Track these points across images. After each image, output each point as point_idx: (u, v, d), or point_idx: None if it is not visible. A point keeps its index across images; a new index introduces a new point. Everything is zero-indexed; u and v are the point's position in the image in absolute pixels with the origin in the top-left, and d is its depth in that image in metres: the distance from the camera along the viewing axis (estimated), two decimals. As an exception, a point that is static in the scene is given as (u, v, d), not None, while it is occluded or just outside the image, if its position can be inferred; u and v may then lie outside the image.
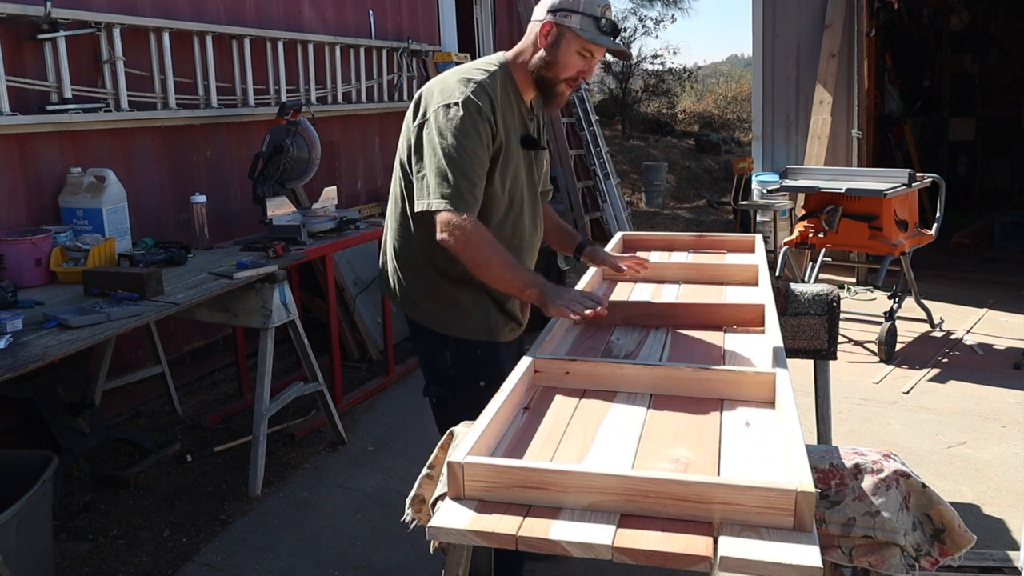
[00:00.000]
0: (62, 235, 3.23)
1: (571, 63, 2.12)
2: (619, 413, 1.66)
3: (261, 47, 4.57)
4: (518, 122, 2.21)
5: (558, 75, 2.13)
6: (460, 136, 2.04)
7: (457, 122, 2.04)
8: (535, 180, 2.31)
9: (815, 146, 6.32)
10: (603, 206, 7.73)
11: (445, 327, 2.25)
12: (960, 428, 3.73)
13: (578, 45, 2.09)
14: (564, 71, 2.13)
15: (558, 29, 2.09)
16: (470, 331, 2.25)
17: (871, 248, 4.98)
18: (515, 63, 2.19)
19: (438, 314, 2.25)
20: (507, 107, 2.16)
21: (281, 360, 4.60)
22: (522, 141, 2.22)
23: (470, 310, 2.24)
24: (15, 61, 3.30)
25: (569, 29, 2.08)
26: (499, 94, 2.13)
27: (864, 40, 6.23)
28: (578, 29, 2.07)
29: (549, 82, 2.15)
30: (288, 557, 2.87)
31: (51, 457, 2.52)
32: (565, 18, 2.08)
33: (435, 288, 2.24)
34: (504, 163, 2.15)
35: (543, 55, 2.12)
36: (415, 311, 2.29)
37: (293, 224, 3.81)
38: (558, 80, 2.14)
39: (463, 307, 2.24)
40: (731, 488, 1.23)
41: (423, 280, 2.26)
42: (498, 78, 2.15)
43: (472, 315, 2.25)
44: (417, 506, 1.69)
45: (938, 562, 1.53)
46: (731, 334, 2.12)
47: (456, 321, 2.25)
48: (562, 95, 2.18)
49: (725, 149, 13.27)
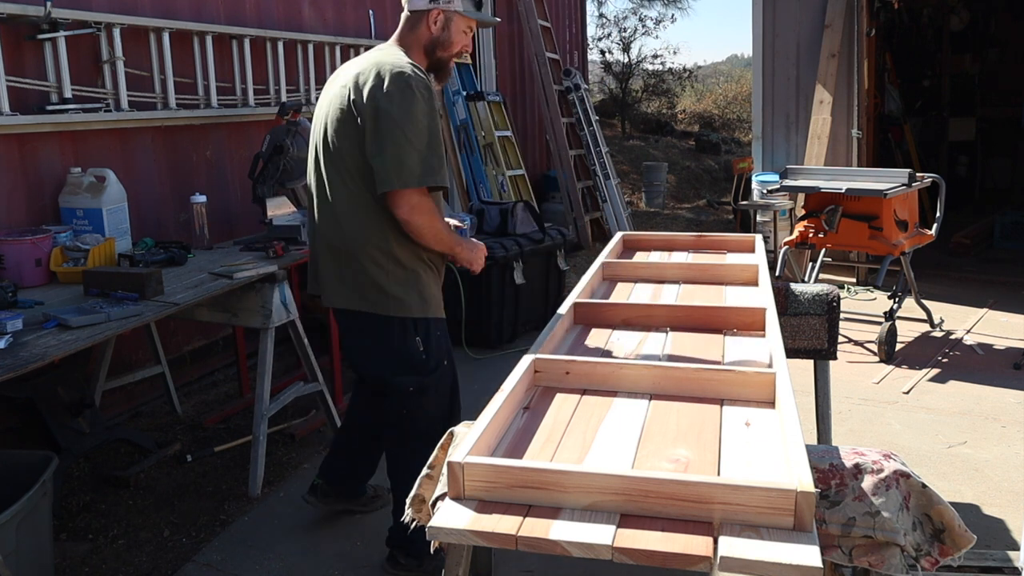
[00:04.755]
0: (62, 235, 3.22)
1: (459, 40, 2.46)
2: (619, 413, 1.66)
3: (261, 47, 4.57)
4: None
5: (449, 52, 2.46)
6: (422, 115, 2.24)
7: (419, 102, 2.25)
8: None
9: (815, 146, 6.32)
10: (603, 206, 7.74)
11: (411, 309, 2.41)
12: (960, 428, 3.73)
13: (464, 24, 2.44)
14: (454, 47, 2.46)
15: (445, 14, 2.41)
16: (433, 309, 2.46)
17: (871, 248, 4.98)
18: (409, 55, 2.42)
19: (404, 296, 2.40)
20: None
21: (281, 360, 4.60)
22: None
23: (428, 287, 2.45)
24: (15, 61, 3.30)
25: (456, 12, 2.41)
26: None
27: (864, 40, 6.22)
28: (463, 11, 2.41)
29: (443, 61, 2.47)
30: (288, 557, 2.87)
31: (51, 457, 2.52)
32: (448, 3, 2.39)
33: (412, 276, 2.41)
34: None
35: (436, 38, 2.43)
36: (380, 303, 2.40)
37: (293, 224, 3.81)
38: (449, 57, 2.47)
39: (426, 285, 2.44)
40: (731, 488, 1.23)
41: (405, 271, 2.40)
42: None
43: (430, 292, 2.46)
44: (417, 506, 1.69)
45: (938, 562, 1.54)
46: (731, 336, 2.12)
47: (421, 301, 2.43)
48: (450, 69, 2.53)
49: (725, 149, 13.26)
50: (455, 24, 2.42)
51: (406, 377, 2.44)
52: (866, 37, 6.24)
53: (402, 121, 2.22)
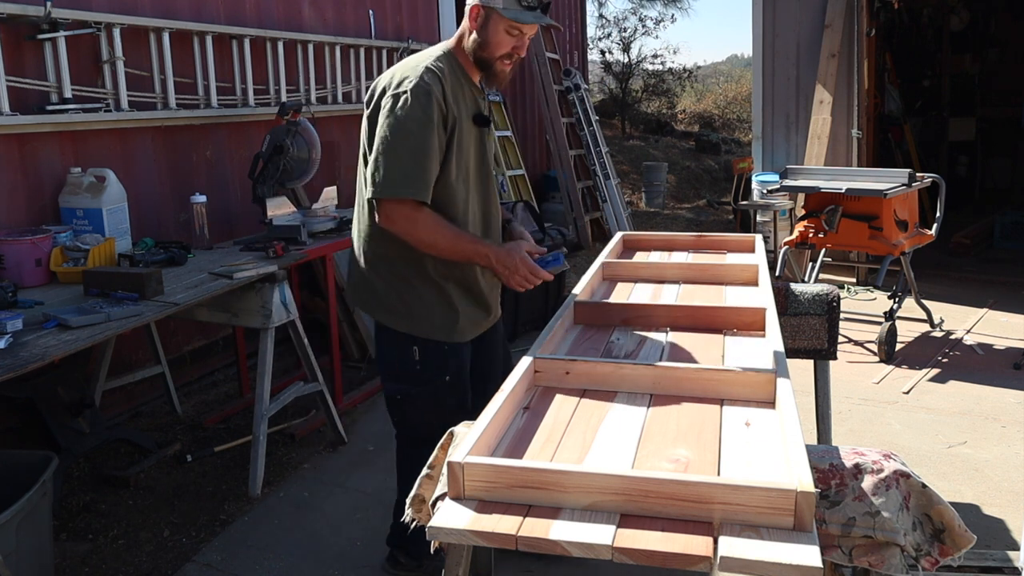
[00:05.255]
0: (62, 235, 3.22)
1: (502, 41, 2.22)
2: (619, 413, 1.66)
3: (261, 47, 4.57)
4: (469, 102, 2.30)
5: (492, 54, 2.24)
6: (408, 122, 2.12)
7: (407, 109, 2.13)
8: (487, 156, 2.40)
9: (815, 146, 6.32)
10: (603, 206, 7.74)
11: (413, 327, 2.32)
12: (960, 428, 3.73)
13: (504, 24, 2.19)
14: (497, 50, 2.23)
15: (484, 11, 2.20)
16: (438, 332, 2.33)
17: (871, 248, 4.98)
18: (458, 47, 2.30)
19: (406, 313, 2.32)
20: (457, 88, 2.25)
21: (281, 360, 4.60)
22: (474, 119, 2.31)
23: (437, 309, 2.32)
24: (15, 61, 3.29)
25: (493, 10, 2.18)
26: (448, 76, 2.22)
27: (864, 40, 6.22)
28: (501, 9, 2.17)
29: (486, 62, 2.26)
30: (288, 557, 2.87)
31: (51, 457, 2.52)
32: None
33: (403, 285, 2.32)
34: (459, 142, 2.24)
35: (476, 37, 2.24)
36: (382, 313, 2.35)
37: (293, 224, 3.81)
38: (493, 59, 2.25)
39: (432, 306, 2.32)
40: (731, 488, 1.23)
41: (395, 280, 2.33)
42: (445, 62, 2.25)
43: (439, 314, 2.32)
44: (417, 506, 1.69)
45: (938, 562, 1.54)
46: (731, 336, 2.12)
47: (425, 320, 2.32)
48: (502, 72, 2.29)
49: (725, 149, 13.26)
50: (493, 23, 2.20)
51: (389, 383, 2.42)
52: (866, 37, 6.24)
53: (390, 130, 2.14)
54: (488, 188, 2.41)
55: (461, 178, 2.28)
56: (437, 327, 2.33)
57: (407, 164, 2.12)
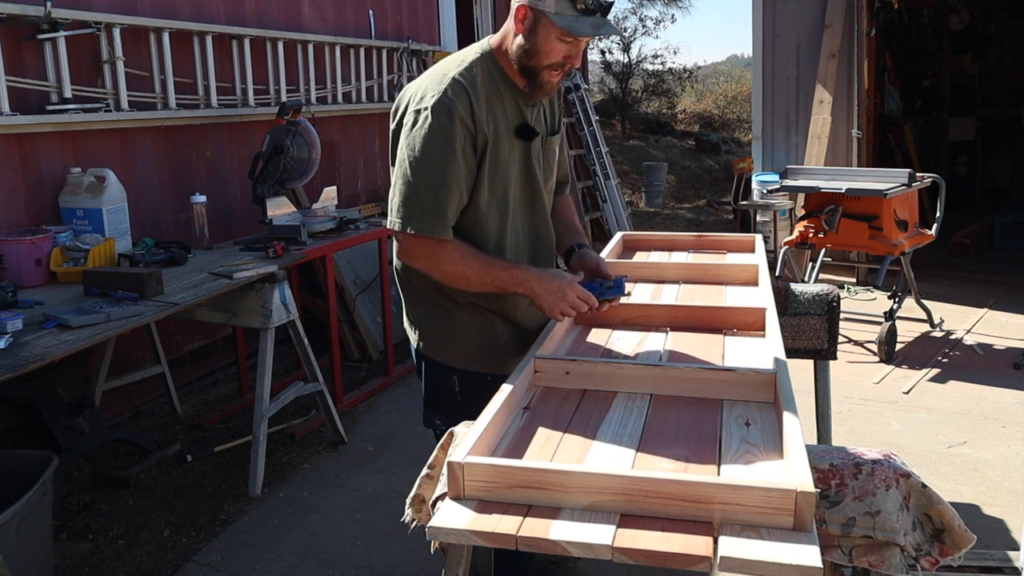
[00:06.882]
0: (62, 235, 3.23)
1: (553, 49, 1.85)
2: (619, 413, 1.66)
3: (261, 47, 4.56)
4: (511, 113, 1.96)
5: (540, 63, 1.88)
6: (428, 147, 1.84)
7: (425, 131, 1.84)
8: (535, 173, 2.06)
9: (815, 146, 6.32)
10: (603, 206, 7.73)
11: (448, 357, 2.07)
12: (960, 428, 3.73)
13: (556, 31, 1.82)
14: (546, 58, 1.87)
15: (534, 14, 1.83)
16: (476, 363, 2.06)
17: (871, 248, 4.98)
18: (499, 50, 1.96)
19: (440, 341, 2.08)
20: (495, 98, 1.93)
21: (281, 360, 4.60)
22: (516, 131, 1.98)
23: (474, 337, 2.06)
24: (15, 61, 3.29)
25: (544, 14, 1.81)
26: (481, 86, 1.91)
27: (864, 40, 6.22)
28: (552, 14, 1.79)
29: (531, 70, 1.90)
30: (288, 557, 2.87)
31: (51, 457, 2.52)
32: (539, 1, 1.81)
33: (440, 312, 2.06)
34: (493, 161, 1.93)
35: (522, 42, 1.87)
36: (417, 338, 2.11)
37: (293, 224, 3.81)
38: (540, 68, 1.89)
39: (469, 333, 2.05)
40: (731, 488, 1.23)
41: (426, 305, 2.08)
42: (479, 68, 1.92)
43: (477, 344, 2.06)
44: (417, 506, 1.69)
45: (938, 562, 1.54)
46: (731, 336, 2.12)
47: (460, 349, 2.06)
48: (549, 83, 1.92)
49: (725, 149, 13.27)
50: (543, 29, 1.83)
51: (428, 412, 2.18)
52: (866, 37, 6.24)
53: (406, 154, 1.87)
54: (537, 208, 2.11)
55: (496, 202, 1.98)
56: (474, 358, 2.06)
57: (424, 197, 1.85)
